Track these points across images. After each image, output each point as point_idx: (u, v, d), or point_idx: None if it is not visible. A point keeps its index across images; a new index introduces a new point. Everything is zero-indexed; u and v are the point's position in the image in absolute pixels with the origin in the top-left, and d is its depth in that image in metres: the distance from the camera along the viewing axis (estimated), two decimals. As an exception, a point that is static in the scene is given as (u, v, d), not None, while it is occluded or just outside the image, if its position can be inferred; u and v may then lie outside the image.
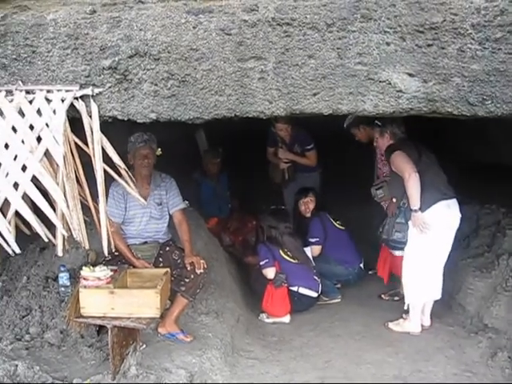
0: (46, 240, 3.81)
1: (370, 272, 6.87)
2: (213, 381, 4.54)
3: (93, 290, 4.17)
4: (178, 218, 5.11)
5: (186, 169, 7.53)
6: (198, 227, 6.05)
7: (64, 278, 5.00)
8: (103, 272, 4.20)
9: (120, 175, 4.06)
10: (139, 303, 4.17)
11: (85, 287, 4.19)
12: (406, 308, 5.46)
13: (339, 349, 5.19)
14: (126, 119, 3.85)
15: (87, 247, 3.95)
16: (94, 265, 5.09)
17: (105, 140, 3.87)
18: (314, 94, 3.75)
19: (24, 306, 5.01)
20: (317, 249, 6.37)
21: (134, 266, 4.82)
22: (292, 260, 5.96)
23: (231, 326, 5.26)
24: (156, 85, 3.78)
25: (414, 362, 4.88)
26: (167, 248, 5.11)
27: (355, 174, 6.98)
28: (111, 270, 4.35)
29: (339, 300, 6.29)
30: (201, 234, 5.94)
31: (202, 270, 4.82)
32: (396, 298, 6.31)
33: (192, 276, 4.82)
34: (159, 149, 5.03)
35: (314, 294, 5.97)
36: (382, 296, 6.46)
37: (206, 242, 5.97)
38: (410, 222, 5.25)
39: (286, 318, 5.81)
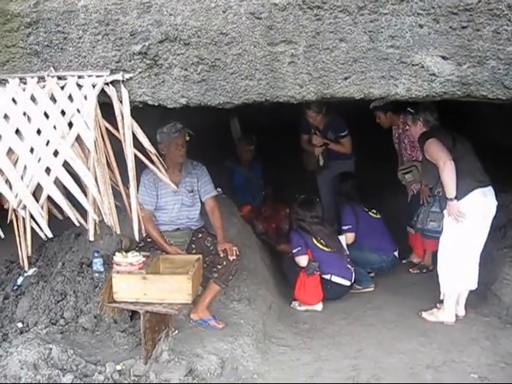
0: (78, 224, 3.83)
1: (404, 261, 6.83)
2: (244, 367, 4.54)
3: (125, 275, 4.19)
4: (210, 205, 5.11)
5: (219, 156, 7.54)
6: (231, 214, 6.05)
7: (98, 264, 5.04)
8: (135, 258, 4.22)
9: (151, 161, 4.06)
10: (171, 289, 4.18)
11: (117, 272, 4.21)
12: (441, 298, 5.36)
13: (371, 338, 5.12)
14: (156, 104, 3.84)
15: (118, 232, 3.95)
16: (127, 251, 5.15)
17: (135, 125, 3.87)
18: (345, 78, 3.67)
19: (59, 291, 5.07)
20: (350, 236, 6.31)
21: (167, 253, 4.84)
22: (325, 248, 5.90)
23: (263, 313, 5.23)
24: (186, 70, 3.75)
25: (447, 352, 4.78)
26: (200, 235, 5.11)
27: (392, 161, 6.85)
28: (143, 256, 4.36)
29: (372, 289, 6.21)
30: (234, 221, 5.93)
31: (234, 257, 4.81)
32: (424, 271, 6.51)
33: (224, 263, 4.82)
34: (188, 136, 5.01)
35: (347, 283, 5.91)
36: (411, 270, 6.59)
37: (239, 230, 5.95)
38: (445, 211, 5.14)
39: (319, 306, 5.77)
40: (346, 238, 6.25)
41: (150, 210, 4.98)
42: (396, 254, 6.45)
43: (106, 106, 3.93)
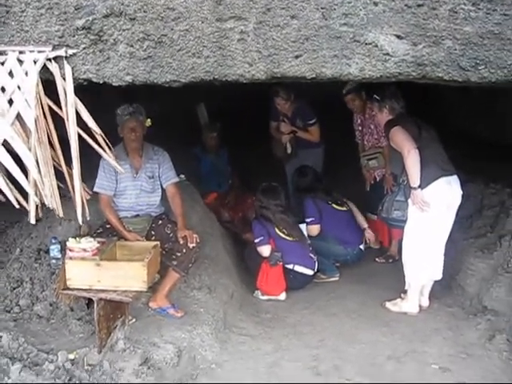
0: (18, 206, 3.71)
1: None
2: (202, 357, 4.47)
3: (78, 261, 4.09)
4: (171, 192, 5.01)
5: (187, 143, 7.44)
6: (194, 202, 5.95)
7: (55, 251, 4.93)
8: (89, 243, 4.11)
9: (97, 142, 3.92)
10: (126, 276, 4.09)
11: (70, 259, 4.10)
12: (405, 288, 5.34)
13: (333, 327, 5.09)
14: (101, 82, 3.68)
15: (61, 215, 3.83)
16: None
17: (79, 104, 3.72)
18: (297, 57, 3.55)
19: (15, 278, 4.99)
20: (314, 228, 6.22)
21: (126, 239, 4.74)
22: (287, 237, 5.83)
23: (224, 302, 5.15)
24: (132, 46, 3.59)
25: (409, 343, 4.77)
26: (160, 222, 5.01)
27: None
28: (99, 242, 4.26)
29: (337, 278, 6.18)
30: (196, 209, 5.83)
31: (194, 245, 4.73)
32: (390, 261, 6.48)
33: (184, 250, 4.73)
34: (149, 119, 4.91)
35: (310, 272, 5.85)
36: (377, 259, 6.57)
37: (201, 217, 5.86)
38: (409, 200, 5.11)
39: (282, 296, 5.71)
40: (310, 230, 6.16)
41: (109, 195, 4.87)
42: (362, 246, 6.40)
43: (49, 84, 3.78)
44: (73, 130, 3.68)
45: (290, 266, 5.73)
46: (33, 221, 3.70)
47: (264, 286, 5.68)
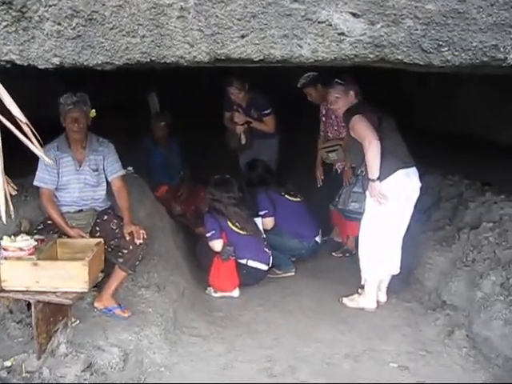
0: None
1: (325, 238, 6.66)
2: (150, 359, 4.23)
3: (14, 261, 3.80)
4: (117, 185, 4.74)
5: (140, 134, 7.16)
6: (143, 195, 5.66)
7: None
8: (25, 242, 3.82)
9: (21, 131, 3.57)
10: (65, 276, 3.81)
11: (5, 259, 3.80)
12: (362, 283, 5.19)
13: (289, 325, 4.91)
14: (25, 64, 3.30)
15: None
16: (26, 234, 4.78)
17: (2, 89, 3.38)
18: (242, 36, 3.22)
19: None
20: (269, 221, 6.03)
21: (69, 236, 4.47)
22: (240, 231, 5.61)
23: (174, 301, 4.92)
24: (59, 24, 3.20)
25: (367, 340, 4.63)
26: (105, 217, 4.74)
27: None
28: (36, 240, 3.98)
29: (293, 273, 6.00)
30: (144, 203, 5.55)
31: (141, 241, 4.48)
32: (347, 255, 6.34)
33: (131, 247, 4.48)
34: (93, 110, 4.63)
35: (264, 267, 5.66)
36: (334, 254, 6.42)
37: (150, 211, 5.58)
38: (367, 192, 4.95)
39: (235, 293, 5.50)
40: (264, 224, 5.96)
41: (50, 188, 4.59)
42: (318, 239, 6.24)
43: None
44: (-7, 117, 3.30)
45: (243, 261, 5.53)
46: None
47: (216, 282, 5.46)
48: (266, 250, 5.70)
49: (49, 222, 4.62)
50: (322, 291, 5.51)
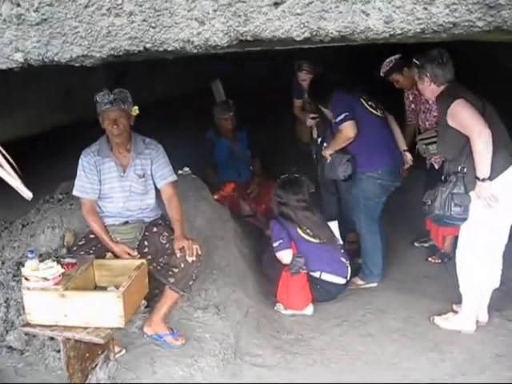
0: None
1: (417, 244, 5.94)
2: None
3: (38, 292, 3.28)
4: (168, 193, 4.16)
5: (199, 127, 6.56)
6: (201, 199, 5.06)
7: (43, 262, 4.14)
8: (50, 270, 3.28)
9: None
10: (97, 309, 3.26)
11: (28, 289, 3.29)
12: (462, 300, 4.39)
13: (370, 353, 4.20)
14: None
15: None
16: (70, 248, 4.32)
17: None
18: (276, 4, 2.27)
19: (-12, 299, 4.26)
20: (348, 125, 4.83)
21: (113, 253, 3.95)
22: (312, 239, 4.91)
23: (236, 323, 4.33)
24: (18, 5, 2.44)
25: (463, 374, 3.86)
26: (154, 229, 4.18)
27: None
28: (67, 265, 3.45)
29: (375, 284, 5.24)
30: (202, 209, 4.96)
31: (194, 258, 3.90)
32: (426, 245, 5.87)
33: (182, 265, 3.92)
34: (136, 107, 4.06)
35: (341, 281, 4.94)
36: (430, 259, 5.67)
37: (209, 218, 4.97)
38: (472, 193, 4.10)
39: (308, 310, 4.82)
40: (344, 128, 4.85)
41: (92, 199, 4.08)
42: None
43: None
44: None
45: (316, 274, 4.84)
46: None
47: (285, 300, 4.79)
48: (344, 259, 4.99)
49: (91, 236, 4.13)
50: (411, 308, 4.73)
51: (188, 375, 3.72)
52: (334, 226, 5.13)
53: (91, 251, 4.01)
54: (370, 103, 5.05)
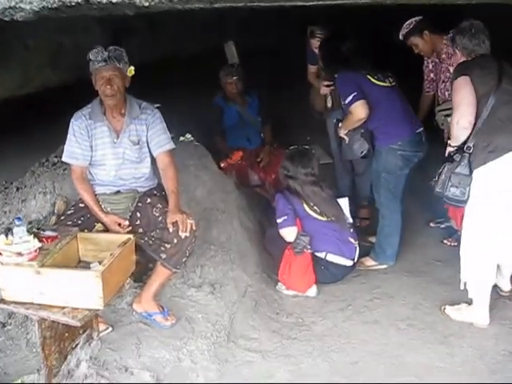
0: None
1: (432, 224, 5.61)
2: (189, 387, 3.43)
3: (12, 267, 3.02)
4: (164, 163, 3.87)
5: (209, 90, 6.22)
6: (202, 169, 4.76)
7: (17, 236, 3.89)
8: (25, 245, 3.01)
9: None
10: (75, 288, 3.00)
11: (1, 263, 3.04)
12: (462, 288, 4.09)
13: (374, 343, 3.91)
14: None
15: None
16: (60, 215, 4.05)
17: None
18: None
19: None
20: (359, 105, 4.54)
21: (103, 223, 3.71)
22: (319, 217, 4.59)
23: (232, 303, 4.08)
24: None
25: (472, 373, 3.56)
26: (148, 199, 3.90)
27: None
28: (46, 238, 3.19)
29: (385, 266, 4.92)
30: (203, 178, 4.66)
31: (187, 234, 3.62)
32: (442, 226, 5.48)
33: (175, 240, 3.66)
34: (131, 67, 3.75)
35: (348, 263, 4.64)
36: (445, 241, 5.30)
37: (210, 189, 4.68)
38: (475, 173, 3.83)
39: (311, 291, 4.52)
40: (354, 109, 4.55)
41: (82, 165, 3.81)
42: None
43: None
44: None
45: (321, 255, 4.53)
46: None
47: (287, 280, 4.50)
48: (352, 240, 4.68)
49: (81, 205, 3.87)
50: (422, 294, 4.43)
51: (175, 359, 3.48)
52: (344, 202, 4.78)
53: (80, 221, 3.75)
54: (376, 77, 4.70)
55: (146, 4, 2.09)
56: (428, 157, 4.76)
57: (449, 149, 3.97)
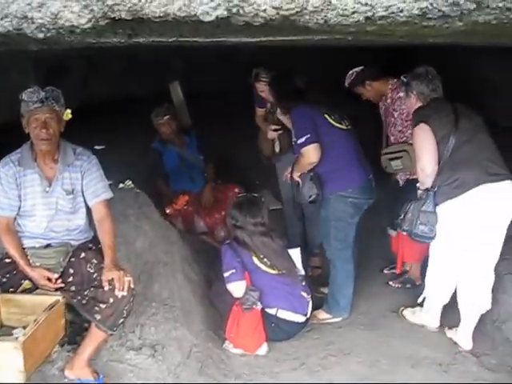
0: None
1: (386, 271, 5.46)
2: None
3: None
4: (100, 214, 3.56)
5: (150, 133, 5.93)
6: (143, 218, 4.41)
7: None
8: None
9: None
10: (-7, 361, 2.64)
11: None
12: (419, 301, 4.42)
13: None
14: None
15: None
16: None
17: None
18: None
19: None
20: (311, 148, 4.34)
21: (30, 279, 3.37)
22: (269, 270, 4.30)
23: (175, 366, 3.71)
24: None
25: None
26: (82, 254, 3.57)
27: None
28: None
29: (340, 319, 4.66)
30: (144, 228, 4.31)
31: (124, 293, 3.29)
32: (408, 286, 5.18)
33: (111, 300, 3.31)
34: (68, 110, 3.46)
35: (301, 319, 4.34)
36: (391, 283, 5.24)
37: (153, 240, 4.32)
38: (437, 210, 4.02)
39: (262, 350, 4.21)
40: (306, 152, 4.34)
41: (9, 216, 3.48)
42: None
43: None
44: None
45: (271, 311, 4.23)
46: None
47: (234, 339, 4.17)
48: (305, 294, 4.38)
49: (7, 260, 3.52)
50: (379, 350, 4.16)
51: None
52: (295, 254, 4.50)
53: (4, 279, 3.41)
54: (333, 117, 4.53)
55: (41, 36, 1.81)
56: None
57: (419, 192, 4.08)
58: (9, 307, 3.11)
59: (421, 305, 4.47)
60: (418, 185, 4.11)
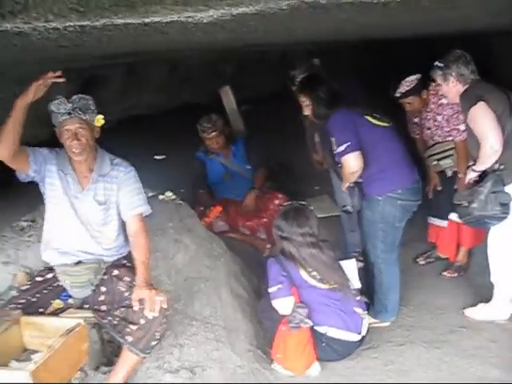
0: None
1: (422, 262, 5.46)
2: None
3: None
4: (134, 227, 3.39)
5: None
6: (183, 232, 4.16)
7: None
8: None
9: None
10: (5, 392, 2.46)
11: None
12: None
13: None
14: None
15: None
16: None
17: None
18: None
19: None
20: (352, 157, 4.06)
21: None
22: (319, 285, 3.95)
23: (217, 390, 3.43)
24: None
25: None
26: (115, 271, 3.39)
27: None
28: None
29: (388, 324, 4.41)
30: (185, 242, 4.07)
31: (155, 314, 3.08)
32: (461, 273, 5.17)
33: (142, 321, 3.13)
34: (101, 116, 3.33)
35: (355, 337, 3.97)
36: (445, 273, 5.19)
37: (194, 254, 4.07)
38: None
39: (313, 370, 3.86)
40: (346, 161, 4.06)
41: (27, 153, 3.29)
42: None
43: None
44: None
45: (321, 330, 3.88)
46: None
47: (282, 360, 3.84)
48: (359, 310, 4.02)
49: (38, 278, 3.39)
50: (444, 371, 3.76)
51: None
52: (350, 265, 4.13)
53: (34, 299, 3.27)
54: (374, 116, 4.25)
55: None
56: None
57: (472, 174, 4.06)
58: (31, 330, 2.93)
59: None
60: (473, 167, 4.05)
